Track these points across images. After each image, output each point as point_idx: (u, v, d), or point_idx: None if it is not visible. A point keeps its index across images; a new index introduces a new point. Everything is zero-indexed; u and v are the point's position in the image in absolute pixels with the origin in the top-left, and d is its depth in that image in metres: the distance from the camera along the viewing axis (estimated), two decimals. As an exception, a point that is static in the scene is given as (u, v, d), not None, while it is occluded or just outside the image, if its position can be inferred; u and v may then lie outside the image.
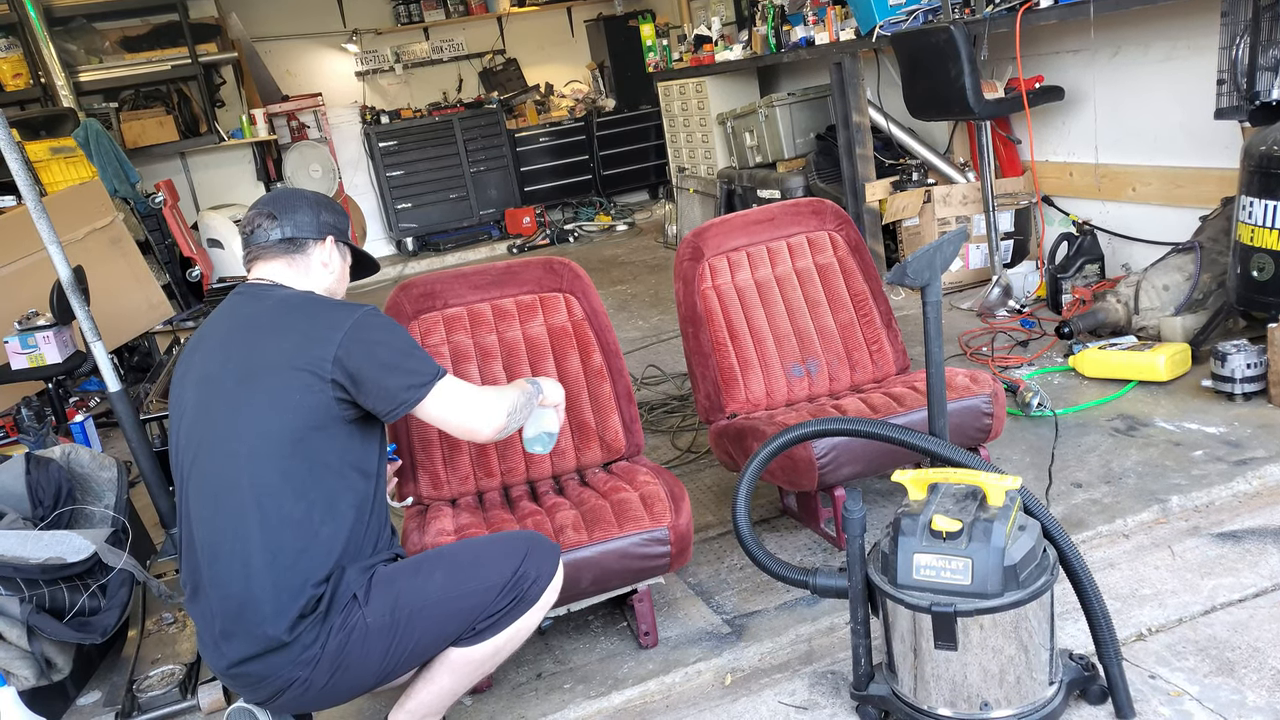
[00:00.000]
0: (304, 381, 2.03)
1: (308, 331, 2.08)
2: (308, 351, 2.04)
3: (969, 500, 1.99)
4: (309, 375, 2.03)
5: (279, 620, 1.96)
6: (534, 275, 2.98)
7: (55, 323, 4.63)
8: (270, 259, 2.22)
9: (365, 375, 2.04)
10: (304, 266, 2.23)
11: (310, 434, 2.03)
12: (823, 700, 2.27)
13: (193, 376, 2.17)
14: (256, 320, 2.15)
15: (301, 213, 2.25)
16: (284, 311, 2.14)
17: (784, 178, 6.27)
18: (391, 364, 2.07)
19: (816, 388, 3.22)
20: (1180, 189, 4.34)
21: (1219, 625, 2.30)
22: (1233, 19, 3.63)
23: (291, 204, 2.26)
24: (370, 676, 2.06)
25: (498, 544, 2.18)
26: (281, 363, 2.05)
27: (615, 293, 6.65)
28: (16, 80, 7.60)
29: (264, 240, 2.21)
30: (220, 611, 2.01)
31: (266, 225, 2.22)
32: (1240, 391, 3.37)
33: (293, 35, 9.52)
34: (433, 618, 2.05)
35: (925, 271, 2.09)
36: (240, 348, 2.12)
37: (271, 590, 1.97)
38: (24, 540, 2.62)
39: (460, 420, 2.15)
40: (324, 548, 2.02)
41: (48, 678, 2.58)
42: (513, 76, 10.22)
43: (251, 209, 2.29)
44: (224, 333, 2.18)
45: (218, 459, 2.05)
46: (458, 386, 2.16)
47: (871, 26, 5.17)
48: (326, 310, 2.14)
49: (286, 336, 2.09)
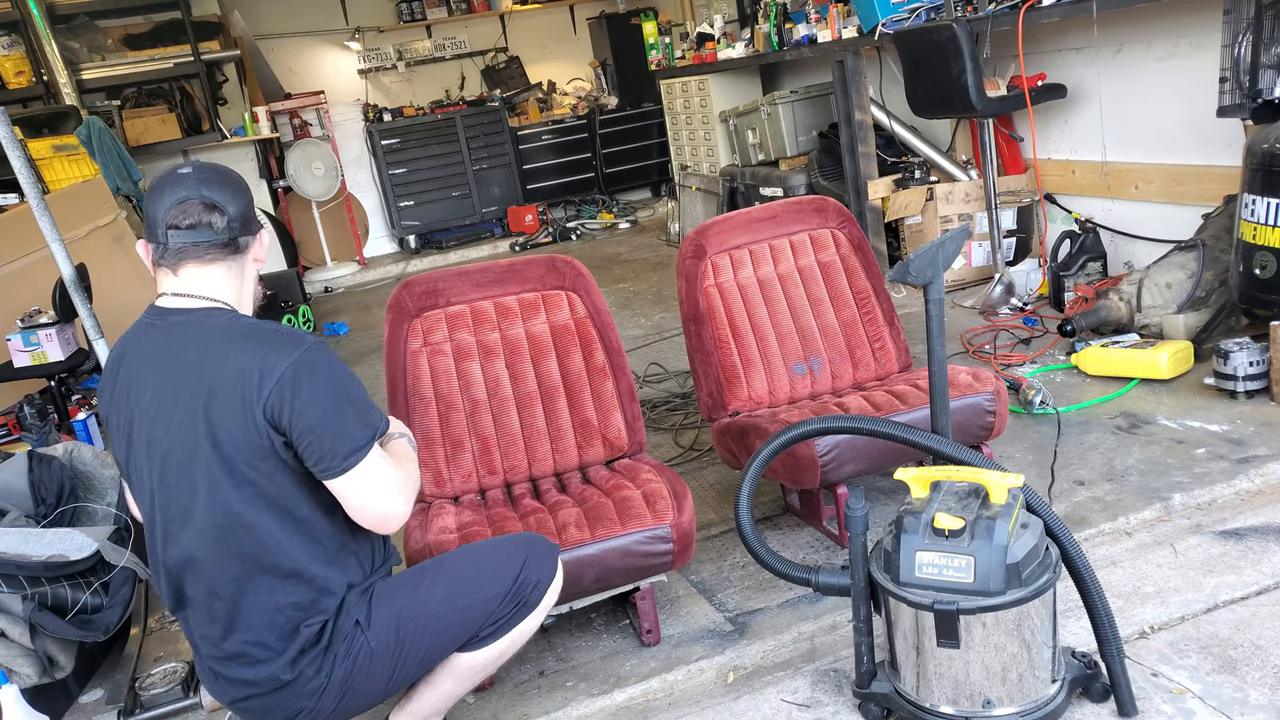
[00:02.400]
0: (255, 443, 1.81)
1: (244, 385, 1.79)
2: (249, 413, 1.79)
3: (971, 498, 1.99)
4: (257, 436, 1.80)
5: (276, 660, 1.90)
6: (536, 273, 2.97)
7: (58, 320, 4.63)
8: (208, 262, 1.86)
9: (304, 431, 1.81)
10: (239, 270, 1.92)
11: (283, 495, 1.86)
12: (825, 698, 2.27)
13: (142, 440, 1.88)
14: (196, 372, 1.82)
15: (241, 198, 1.90)
16: (222, 361, 1.82)
17: (786, 175, 6.26)
18: (329, 422, 1.82)
19: (819, 385, 3.22)
20: (1183, 187, 4.34)
21: (1221, 623, 2.30)
22: (1235, 17, 3.63)
23: (226, 188, 1.88)
24: (377, 694, 2.02)
25: (497, 551, 2.12)
26: (236, 433, 1.80)
27: (618, 290, 6.65)
28: (19, 78, 7.60)
29: (208, 239, 1.84)
30: (211, 655, 1.94)
31: (213, 219, 1.84)
32: (1243, 389, 3.37)
33: (295, 33, 9.52)
34: (435, 632, 2.00)
35: (928, 269, 2.09)
36: (187, 412, 1.82)
37: (265, 639, 1.89)
38: (26, 538, 2.62)
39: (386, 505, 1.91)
40: (319, 587, 1.92)
41: (50, 675, 2.58)
42: (515, 74, 10.22)
43: (177, 190, 1.83)
44: (163, 385, 1.86)
45: (195, 533, 1.86)
46: (378, 459, 1.89)
47: (874, 24, 5.17)
48: (262, 352, 1.82)
49: (231, 397, 1.80)
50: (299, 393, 1.79)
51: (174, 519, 1.88)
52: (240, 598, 1.88)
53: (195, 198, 1.83)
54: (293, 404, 1.79)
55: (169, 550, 1.91)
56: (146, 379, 1.87)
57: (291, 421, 1.79)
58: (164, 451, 1.85)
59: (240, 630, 1.89)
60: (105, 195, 5.84)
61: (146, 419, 1.87)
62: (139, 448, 1.89)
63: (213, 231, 1.84)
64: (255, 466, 1.82)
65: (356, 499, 1.87)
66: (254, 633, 1.89)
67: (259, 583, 1.88)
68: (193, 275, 1.87)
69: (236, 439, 1.80)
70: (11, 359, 4.67)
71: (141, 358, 1.89)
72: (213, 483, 1.82)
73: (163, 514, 1.90)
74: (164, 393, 1.85)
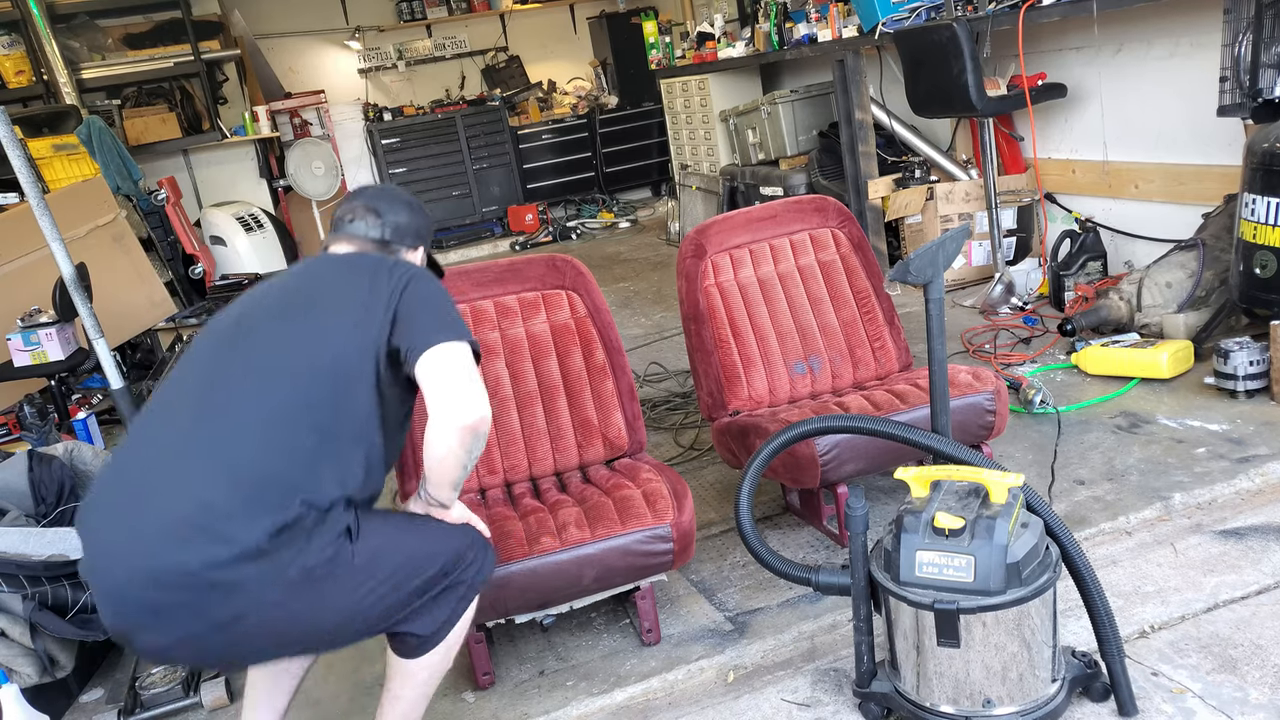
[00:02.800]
0: (360, 319, 2.00)
1: (374, 278, 2.05)
2: (372, 294, 2.02)
3: (972, 497, 1.99)
4: (365, 313, 2.00)
5: (255, 526, 1.79)
6: (537, 272, 2.97)
7: (58, 320, 4.63)
8: (359, 247, 2.20)
9: (406, 313, 2.00)
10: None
11: (350, 379, 1.96)
12: (825, 698, 2.27)
13: (261, 300, 2.13)
14: (331, 268, 2.15)
15: (403, 216, 2.24)
16: (355, 262, 2.13)
17: (786, 175, 6.26)
18: (433, 311, 2.03)
19: (819, 385, 3.22)
20: (1183, 186, 4.34)
21: (1221, 622, 2.30)
22: (1235, 16, 3.63)
23: (394, 205, 2.25)
24: (329, 622, 1.93)
25: (448, 525, 2.11)
26: (348, 301, 2.03)
27: (618, 290, 6.65)
28: (19, 77, 7.60)
29: (360, 233, 2.20)
30: (180, 515, 1.81)
31: (368, 220, 2.21)
32: (1243, 389, 3.37)
33: (295, 32, 9.52)
34: (401, 576, 1.96)
35: (928, 269, 2.09)
36: (309, 285, 2.12)
37: (252, 502, 1.82)
38: (27, 537, 2.62)
39: (453, 389, 1.96)
40: (319, 483, 1.89)
41: (50, 675, 2.58)
42: (515, 74, 10.22)
43: (352, 199, 2.27)
44: (299, 276, 2.18)
45: (252, 372, 1.97)
46: (470, 360, 2.01)
47: (874, 23, 5.17)
48: (390, 264, 2.11)
49: (355, 281, 2.07)
50: (426, 286, 2.06)
51: (247, 354, 2.01)
52: (256, 441, 1.90)
53: (364, 203, 2.24)
54: (418, 295, 2.03)
55: (210, 380, 2.01)
56: (297, 273, 2.20)
57: (411, 303, 2.01)
58: (284, 307, 2.10)
59: (240, 479, 1.86)
60: (105, 195, 5.84)
61: (282, 292, 2.14)
62: (259, 302, 2.13)
63: (364, 228, 2.20)
64: (350, 343, 1.99)
65: (441, 377, 1.95)
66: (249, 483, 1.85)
67: (278, 432, 1.91)
68: (346, 248, 2.21)
69: (346, 315, 2.02)
70: (12, 358, 4.67)
71: (298, 266, 2.25)
72: (307, 336, 2.01)
73: (239, 350, 2.03)
74: (305, 278, 2.16)
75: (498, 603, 2.36)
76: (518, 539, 2.41)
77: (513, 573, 2.34)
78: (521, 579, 2.35)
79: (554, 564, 2.37)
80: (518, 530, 2.46)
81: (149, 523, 1.83)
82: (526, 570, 2.35)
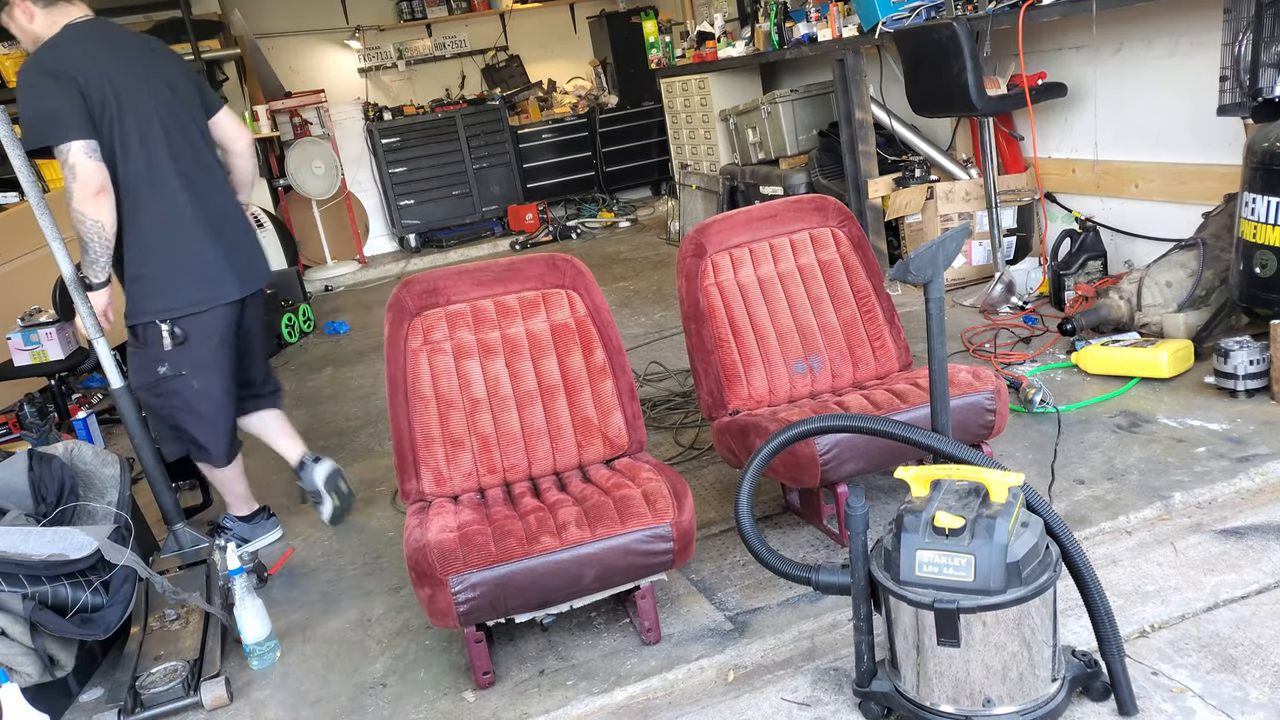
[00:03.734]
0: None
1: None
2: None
3: (972, 497, 1.99)
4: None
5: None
6: (536, 272, 2.97)
7: (58, 319, 4.63)
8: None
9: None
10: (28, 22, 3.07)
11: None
12: (825, 697, 2.27)
13: (132, 89, 3.06)
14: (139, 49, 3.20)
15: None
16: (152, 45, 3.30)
17: (786, 174, 6.26)
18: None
19: (819, 384, 3.22)
20: (1183, 185, 4.34)
21: (1222, 622, 2.30)
22: (1235, 15, 3.63)
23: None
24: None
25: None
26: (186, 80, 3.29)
27: (618, 289, 6.65)
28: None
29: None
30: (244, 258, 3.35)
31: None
32: (1243, 388, 3.37)
33: (295, 32, 9.53)
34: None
35: (928, 268, 2.09)
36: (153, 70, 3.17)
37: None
38: (27, 536, 2.62)
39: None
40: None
41: (50, 674, 2.58)
42: (515, 73, 10.23)
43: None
44: (127, 56, 3.13)
45: (190, 153, 3.22)
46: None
47: (874, 23, 5.16)
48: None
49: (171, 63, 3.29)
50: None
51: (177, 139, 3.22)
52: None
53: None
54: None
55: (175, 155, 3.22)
56: (113, 49, 3.14)
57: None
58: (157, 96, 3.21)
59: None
60: (105, 194, 5.82)
61: (141, 79, 3.15)
62: (130, 90, 3.11)
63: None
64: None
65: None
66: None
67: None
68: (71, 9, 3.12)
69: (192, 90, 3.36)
70: (12, 358, 4.67)
71: (103, 37, 3.15)
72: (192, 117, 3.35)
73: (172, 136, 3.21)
74: (138, 59, 3.19)
75: (498, 602, 2.37)
76: (518, 538, 2.41)
77: (513, 572, 2.34)
78: (522, 578, 2.35)
79: (554, 563, 2.37)
80: (518, 530, 2.46)
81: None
82: (526, 570, 2.35)
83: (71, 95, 2.91)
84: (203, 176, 3.24)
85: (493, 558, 2.36)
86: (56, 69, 2.93)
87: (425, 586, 2.36)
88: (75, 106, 2.91)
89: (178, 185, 3.12)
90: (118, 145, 3.01)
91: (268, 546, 3.55)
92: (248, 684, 2.71)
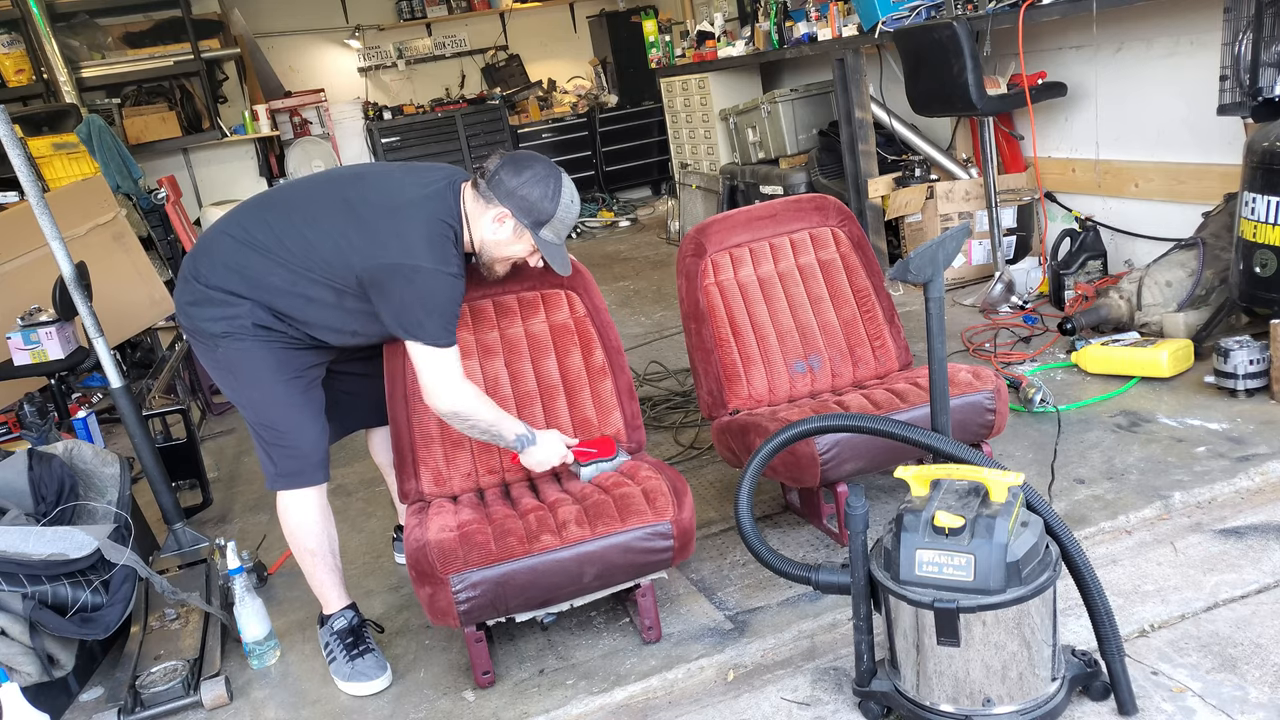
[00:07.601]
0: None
1: (360, 234, 2.45)
2: (350, 253, 2.45)
3: (971, 496, 1.99)
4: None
5: None
6: (535, 271, 2.97)
7: (58, 319, 4.62)
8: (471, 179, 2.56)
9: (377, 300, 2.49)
10: (480, 210, 2.51)
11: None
12: (825, 696, 2.27)
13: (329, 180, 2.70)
14: (368, 183, 2.56)
15: (519, 178, 2.47)
16: (380, 204, 2.48)
17: (786, 174, 6.26)
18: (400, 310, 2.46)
19: (819, 383, 3.21)
20: (1183, 185, 4.34)
21: (1221, 621, 2.30)
22: (1235, 15, 3.63)
23: (525, 168, 2.49)
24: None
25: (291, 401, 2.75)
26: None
27: (618, 289, 6.65)
28: (19, 76, 7.60)
29: (481, 166, 2.51)
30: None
31: (495, 161, 2.51)
32: (1243, 388, 3.37)
33: (295, 31, 9.53)
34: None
35: (928, 268, 2.09)
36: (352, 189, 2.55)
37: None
38: (27, 536, 2.62)
39: (424, 381, 2.53)
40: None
41: (50, 674, 2.58)
42: (515, 72, 10.22)
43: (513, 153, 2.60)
44: (359, 172, 2.67)
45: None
46: (446, 358, 2.51)
47: (874, 22, 5.17)
48: (396, 229, 2.43)
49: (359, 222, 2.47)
50: (393, 285, 2.47)
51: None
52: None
53: (509, 156, 2.55)
54: (384, 291, 2.50)
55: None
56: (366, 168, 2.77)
57: (378, 296, 2.50)
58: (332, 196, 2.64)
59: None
60: (105, 193, 5.84)
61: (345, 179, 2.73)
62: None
63: (487, 165, 2.52)
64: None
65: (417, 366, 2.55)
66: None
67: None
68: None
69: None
70: (12, 357, 4.67)
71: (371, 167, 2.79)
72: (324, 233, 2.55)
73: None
74: (360, 178, 2.65)
75: (499, 601, 2.36)
76: (518, 537, 2.41)
77: (513, 570, 2.34)
78: (522, 577, 2.35)
79: (555, 561, 2.37)
80: (518, 528, 2.45)
81: None
82: (527, 568, 2.35)
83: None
84: None
85: (493, 556, 2.36)
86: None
87: (426, 586, 2.36)
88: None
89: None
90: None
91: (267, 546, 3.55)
92: (247, 683, 2.71)
